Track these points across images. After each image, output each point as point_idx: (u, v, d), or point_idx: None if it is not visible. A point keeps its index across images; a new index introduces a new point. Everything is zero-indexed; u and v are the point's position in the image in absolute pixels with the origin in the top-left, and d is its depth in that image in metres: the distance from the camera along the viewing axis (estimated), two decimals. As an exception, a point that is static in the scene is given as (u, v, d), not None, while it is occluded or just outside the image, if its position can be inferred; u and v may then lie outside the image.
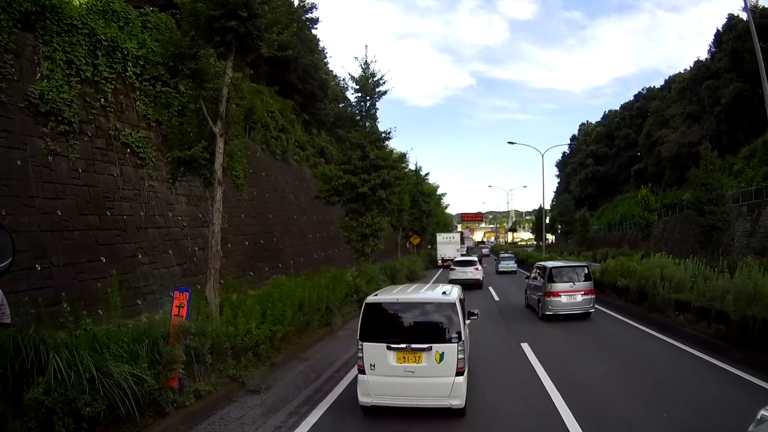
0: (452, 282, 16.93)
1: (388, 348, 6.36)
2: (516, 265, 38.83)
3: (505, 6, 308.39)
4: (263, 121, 29.72)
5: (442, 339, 6.34)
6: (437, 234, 42.49)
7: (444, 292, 7.18)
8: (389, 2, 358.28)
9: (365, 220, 17.98)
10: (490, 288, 24.29)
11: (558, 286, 14.28)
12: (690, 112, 60.44)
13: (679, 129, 58.03)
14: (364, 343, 6.50)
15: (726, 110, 56.38)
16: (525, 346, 10.53)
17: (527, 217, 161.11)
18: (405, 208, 29.16)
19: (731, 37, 59.69)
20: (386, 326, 6.60)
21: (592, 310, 14.53)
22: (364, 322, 6.66)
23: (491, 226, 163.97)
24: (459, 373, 6.24)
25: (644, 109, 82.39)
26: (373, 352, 6.42)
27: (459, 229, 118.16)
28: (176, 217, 19.29)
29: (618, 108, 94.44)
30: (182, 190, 20.00)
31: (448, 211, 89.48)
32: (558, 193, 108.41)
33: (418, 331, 6.46)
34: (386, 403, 6.41)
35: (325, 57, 53.92)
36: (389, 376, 6.32)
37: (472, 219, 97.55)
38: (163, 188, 18.82)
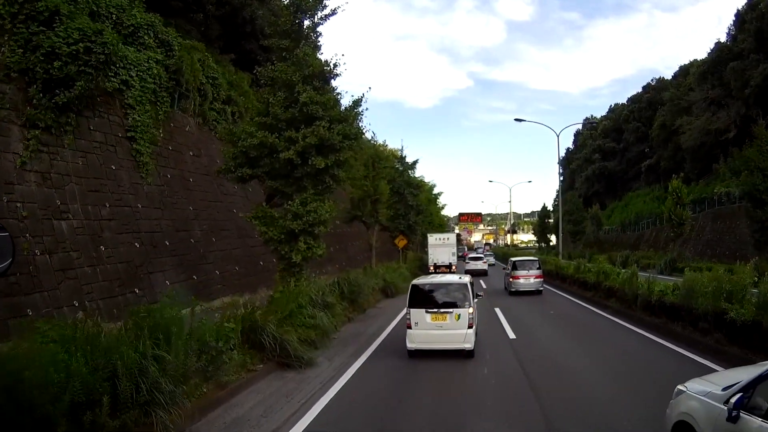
0: (468, 272, 25.51)
1: (426, 311, 9.79)
2: (494, 259, 53.61)
3: (502, 7, 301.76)
4: (198, 86, 22.80)
5: (459, 305, 9.80)
6: (428, 235, 35.24)
7: (460, 278, 10.89)
8: (386, 3, 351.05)
9: (292, 206, 10.94)
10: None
11: (518, 273, 21.01)
12: (714, 97, 53.70)
13: (703, 115, 51.12)
14: (411, 309, 9.89)
15: (756, 93, 49.81)
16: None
17: (526, 219, 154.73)
18: (381, 199, 22.12)
19: (754, 17, 53.58)
20: (425, 298, 10.01)
21: (541, 288, 21.06)
22: (411, 297, 10.04)
23: (490, 227, 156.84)
24: (469, 327, 9.67)
25: (655, 100, 76.49)
26: (417, 314, 9.82)
27: (456, 230, 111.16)
28: (14, 203, 12.50)
29: (620, 103, 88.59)
30: (38, 165, 13.35)
31: (445, 213, 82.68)
32: (562, 191, 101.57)
33: (445, 300, 9.98)
34: (424, 347, 9.83)
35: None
36: (426, 329, 9.75)
37: (471, 220, 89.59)
38: (6, 161, 12.33)
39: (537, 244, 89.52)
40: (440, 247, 33.54)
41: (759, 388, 3.77)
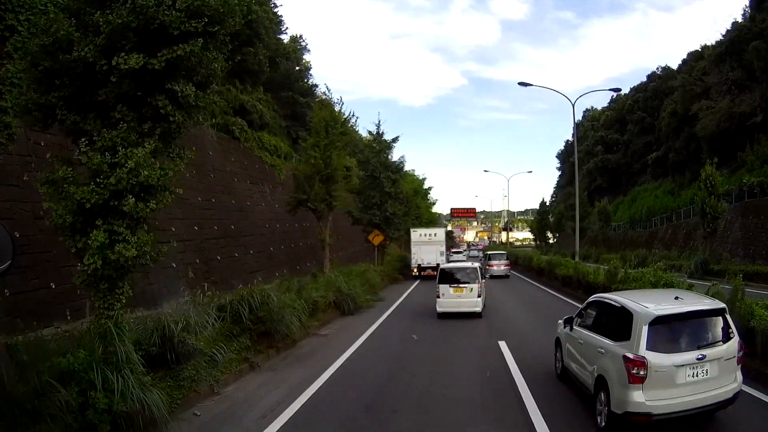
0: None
1: (449, 286, 14.36)
2: (476, 252, 62.50)
3: (497, 6, 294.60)
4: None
5: (472, 282, 14.41)
6: (411, 230, 29.08)
7: (472, 263, 16.30)
8: (382, 2, 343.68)
9: (84, 156, 5.15)
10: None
11: (492, 262, 29.43)
12: (735, 80, 48.22)
13: (723, 99, 45.65)
14: (440, 285, 14.48)
15: (783, 74, 44.40)
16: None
17: (520, 218, 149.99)
18: (337, 177, 16.29)
19: (773, -5, 48.30)
20: (449, 277, 14.62)
21: (509, 274, 29.31)
22: (440, 276, 14.79)
23: (484, 225, 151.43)
24: (478, 296, 14.35)
25: (661, 89, 71.11)
26: (444, 288, 14.37)
27: (449, 227, 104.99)
28: None
29: (622, 93, 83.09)
30: None
31: (437, 210, 76.73)
32: (560, 186, 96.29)
33: (462, 278, 14.55)
34: (449, 311, 14.17)
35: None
36: (450, 298, 14.29)
37: (464, 215, 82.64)
38: None
39: (535, 242, 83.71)
40: (426, 245, 27.68)
41: (584, 312, 7.37)
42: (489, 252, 35.79)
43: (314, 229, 32.86)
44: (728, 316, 5.94)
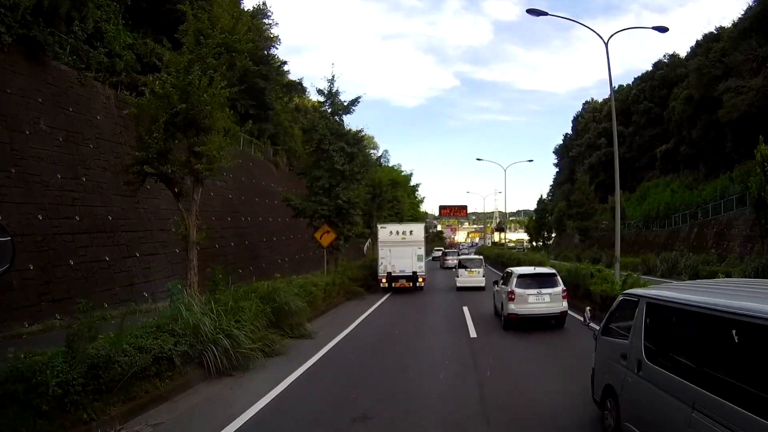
0: (435, 258, 49.09)
1: (465, 270, 23.35)
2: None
3: (489, 7, 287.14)
4: None
5: (479, 267, 23.63)
6: (379, 226, 22.46)
7: (478, 256, 29.30)
8: (374, 2, 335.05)
9: None
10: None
11: (446, 257, 41.48)
12: (765, 56, 41.99)
13: (758, 75, 39.36)
14: (458, 269, 23.71)
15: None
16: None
17: (512, 218, 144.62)
18: (205, 121, 9.41)
19: (802, -34, 42.49)
20: (464, 265, 23.81)
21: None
22: (459, 264, 24.47)
23: (475, 226, 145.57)
24: (483, 276, 23.18)
25: (669, 78, 65.19)
26: (461, 271, 23.33)
27: (439, 227, 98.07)
28: None
29: (625, 85, 77.36)
30: None
31: (426, 209, 69.81)
32: (558, 184, 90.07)
33: (472, 266, 23.66)
34: (463, 285, 22.58)
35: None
36: (465, 277, 22.98)
37: (454, 213, 74.01)
38: None
39: (530, 243, 77.05)
40: (398, 246, 20.82)
41: (503, 276, 14.54)
42: (445, 250, 51.33)
43: (275, 222, 25.90)
44: (558, 276, 12.88)
